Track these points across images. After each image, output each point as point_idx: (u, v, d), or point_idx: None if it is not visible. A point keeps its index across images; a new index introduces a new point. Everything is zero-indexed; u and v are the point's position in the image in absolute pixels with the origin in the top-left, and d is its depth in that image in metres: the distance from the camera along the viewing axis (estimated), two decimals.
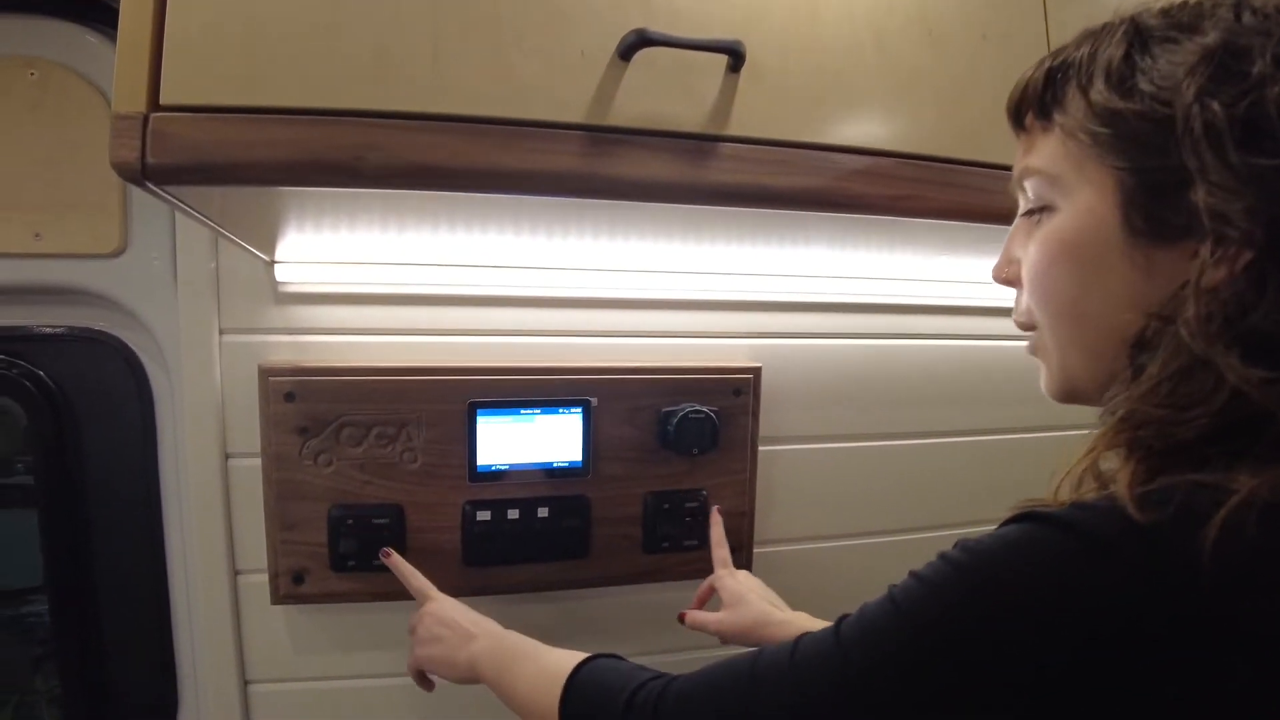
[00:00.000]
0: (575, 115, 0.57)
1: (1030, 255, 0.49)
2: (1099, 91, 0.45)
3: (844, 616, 0.46)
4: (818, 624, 0.79)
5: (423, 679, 0.81)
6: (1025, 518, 0.40)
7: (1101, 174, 0.45)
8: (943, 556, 0.42)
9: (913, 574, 0.43)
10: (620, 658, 0.61)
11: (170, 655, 1.00)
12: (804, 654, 0.46)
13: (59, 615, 1.00)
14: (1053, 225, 0.48)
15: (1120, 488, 0.38)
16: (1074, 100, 0.46)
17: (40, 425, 0.96)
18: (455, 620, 0.76)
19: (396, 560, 0.85)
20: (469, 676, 0.73)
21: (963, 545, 0.41)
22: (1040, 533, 0.39)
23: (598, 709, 0.56)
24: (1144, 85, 0.43)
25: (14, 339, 0.95)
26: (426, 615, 0.79)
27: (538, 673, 0.63)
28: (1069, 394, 0.50)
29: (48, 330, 0.95)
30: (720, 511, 0.98)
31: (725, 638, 0.85)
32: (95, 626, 1.00)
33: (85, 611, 1.00)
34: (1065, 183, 0.47)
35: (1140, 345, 0.43)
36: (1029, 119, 0.50)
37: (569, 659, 0.61)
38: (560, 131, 0.57)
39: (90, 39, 0.88)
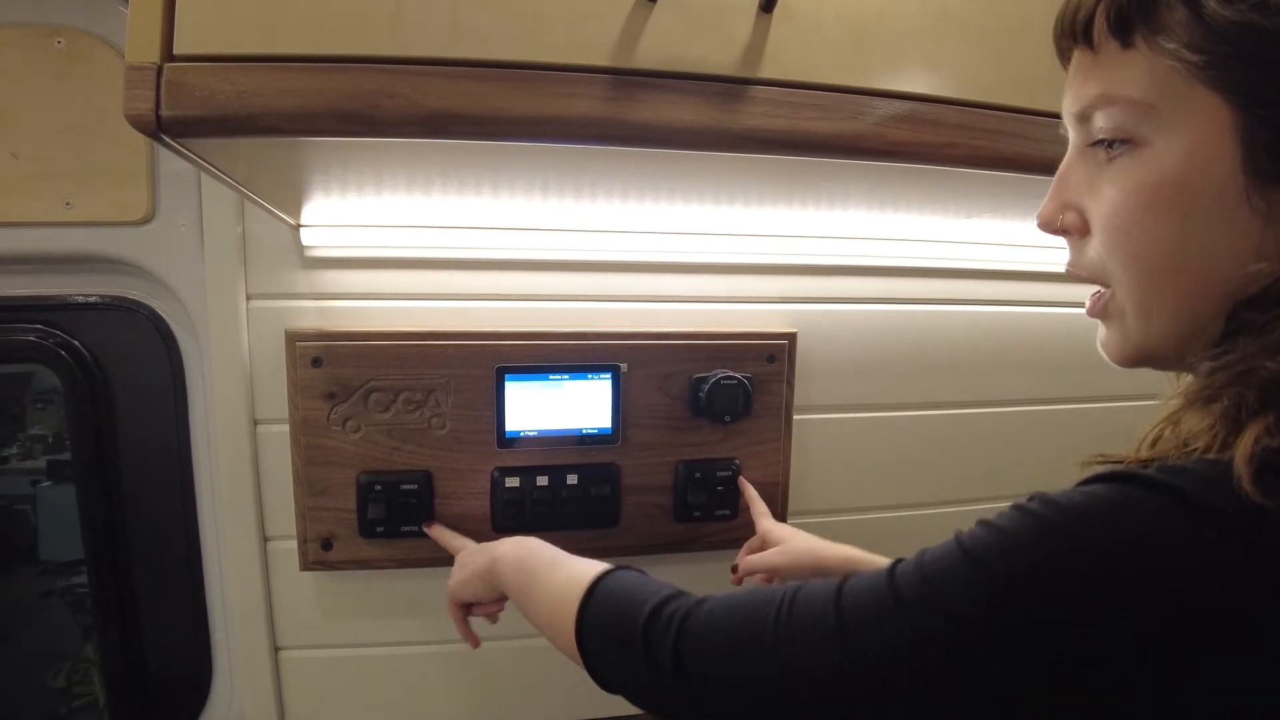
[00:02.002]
0: (599, 58, 0.54)
1: (1110, 202, 0.43)
2: (1215, 3, 0.38)
3: (897, 561, 0.42)
4: (869, 556, 0.78)
5: (464, 623, 0.79)
6: (1115, 477, 0.36)
7: (1213, 104, 0.39)
8: (1018, 507, 0.38)
9: (983, 522, 0.39)
10: (643, 572, 0.59)
11: (204, 623, 1.01)
12: (849, 598, 0.42)
13: (98, 583, 1.01)
14: (1145, 167, 0.41)
15: (1238, 457, 0.34)
16: (1174, 13, 0.39)
17: (76, 395, 0.97)
18: (480, 546, 0.77)
19: (437, 530, 0.87)
20: (490, 581, 0.71)
21: (1042, 498, 0.37)
22: (1138, 494, 0.35)
23: (618, 618, 0.53)
24: None
25: (51, 308, 0.96)
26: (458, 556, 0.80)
27: (564, 579, 0.60)
28: (1143, 358, 0.45)
29: (81, 299, 0.96)
30: (747, 480, 0.97)
31: (781, 573, 0.83)
32: (131, 595, 1.02)
33: (122, 580, 1.01)
34: (1160, 115, 0.40)
35: (1256, 299, 0.38)
36: (1099, 36, 0.43)
37: (594, 567, 0.59)
38: (583, 75, 0.54)
39: (117, 6, 0.87)
